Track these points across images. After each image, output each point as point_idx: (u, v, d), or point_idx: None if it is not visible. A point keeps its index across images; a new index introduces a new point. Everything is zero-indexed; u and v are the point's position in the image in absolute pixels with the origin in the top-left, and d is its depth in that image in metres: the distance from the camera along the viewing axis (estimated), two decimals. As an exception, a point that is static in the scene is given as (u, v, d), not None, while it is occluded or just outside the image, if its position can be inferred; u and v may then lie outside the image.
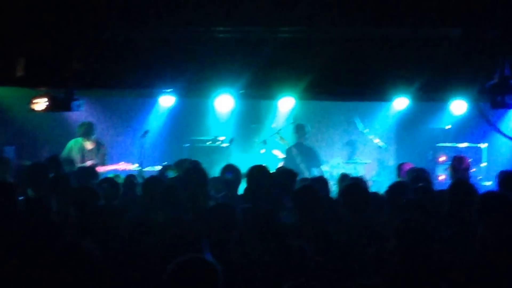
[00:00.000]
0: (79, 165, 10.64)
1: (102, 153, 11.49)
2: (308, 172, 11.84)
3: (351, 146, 13.74)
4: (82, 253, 4.37)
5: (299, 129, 12.38)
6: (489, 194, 5.78)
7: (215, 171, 8.96)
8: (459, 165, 8.85)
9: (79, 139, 11.46)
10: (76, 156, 11.23)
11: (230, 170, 7.83)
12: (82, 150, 11.38)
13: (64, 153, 11.27)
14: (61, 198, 6.79)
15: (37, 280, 4.38)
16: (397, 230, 4.87)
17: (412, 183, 7.49)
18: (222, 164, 11.45)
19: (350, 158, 13.51)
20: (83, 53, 9.36)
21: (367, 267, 4.95)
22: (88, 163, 11.02)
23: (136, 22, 9.06)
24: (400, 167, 9.47)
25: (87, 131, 11.42)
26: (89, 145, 11.44)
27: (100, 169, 10.63)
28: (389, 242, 5.08)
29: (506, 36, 8.27)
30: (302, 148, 12.22)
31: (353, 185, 6.44)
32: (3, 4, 9.05)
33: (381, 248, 5.06)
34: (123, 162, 11.60)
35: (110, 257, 5.14)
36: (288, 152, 12.27)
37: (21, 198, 6.81)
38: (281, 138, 12.72)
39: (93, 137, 11.48)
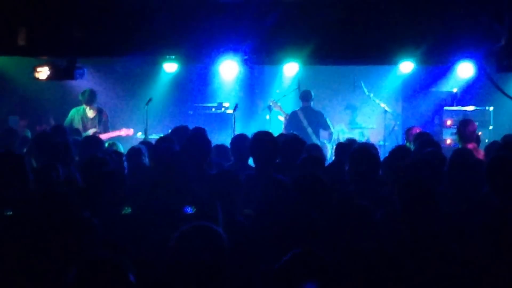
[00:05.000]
0: (83, 134, 10.59)
1: (105, 121, 11.43)
2: (315, 136, 11.77)
3: (351, 109, 13.62)
4: (86, 224, 4.34)
5: (305, 95, 12.26)
6: (496, 157, 5.70)
7: (219, 138, 8.90)
8: (465, 129, 8.77)
9: (81, 107, 11.39)
10: (78, 124, 11.16)
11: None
12: (84, 118, 11.31)
13: (67, 121, 11.21)
14: (66, 167, 6.73)
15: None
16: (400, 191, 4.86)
17: (421, 147, 7.41)
18: (227, 130, 11.48)
19: (351, 123, 13.42)
20: (84, 20, 9.27)
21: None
22: (91, 131, 10.98)
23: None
24: (408, 132, 9.41)
25: (89, 98, 11.33)
26: (91, 113, 11.36)
27: (103, 136, 10.58)
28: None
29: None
30: (309, 111, 12.11)
31: (362, 150, 6.36)
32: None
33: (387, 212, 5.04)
34: (124, 129, 11.54)
35: (115, 224, 5.13)
36: (293, 115, 12.15)
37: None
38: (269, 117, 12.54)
39: (95, 104, 11.40)
